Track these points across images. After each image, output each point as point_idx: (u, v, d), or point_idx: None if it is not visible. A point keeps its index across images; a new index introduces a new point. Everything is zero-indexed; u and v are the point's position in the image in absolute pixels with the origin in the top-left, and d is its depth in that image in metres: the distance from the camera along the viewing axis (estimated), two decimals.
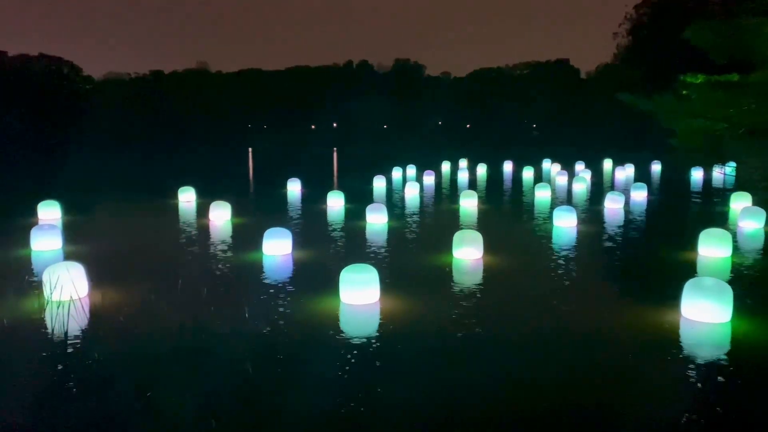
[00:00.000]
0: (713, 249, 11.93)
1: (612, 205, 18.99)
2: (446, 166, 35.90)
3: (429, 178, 28.45)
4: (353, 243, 13.93)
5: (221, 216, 17.00)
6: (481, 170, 33.61)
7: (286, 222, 16.57)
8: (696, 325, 7.82)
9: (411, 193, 23.14)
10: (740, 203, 18.21)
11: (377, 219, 16.29)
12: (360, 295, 8.74)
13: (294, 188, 24.87)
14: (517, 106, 78.86)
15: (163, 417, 5.49)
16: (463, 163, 37.67)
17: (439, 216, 18.94)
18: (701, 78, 16.28)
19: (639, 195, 21.86)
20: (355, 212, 17.79)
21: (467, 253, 11.73)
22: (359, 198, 20.67)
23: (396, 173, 30.19)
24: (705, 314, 7.87)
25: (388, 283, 9.54)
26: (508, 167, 35.87)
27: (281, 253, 12.28)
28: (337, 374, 6.39)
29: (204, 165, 42.67)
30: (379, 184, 25.33)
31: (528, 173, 30.88)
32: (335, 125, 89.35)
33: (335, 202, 19.76)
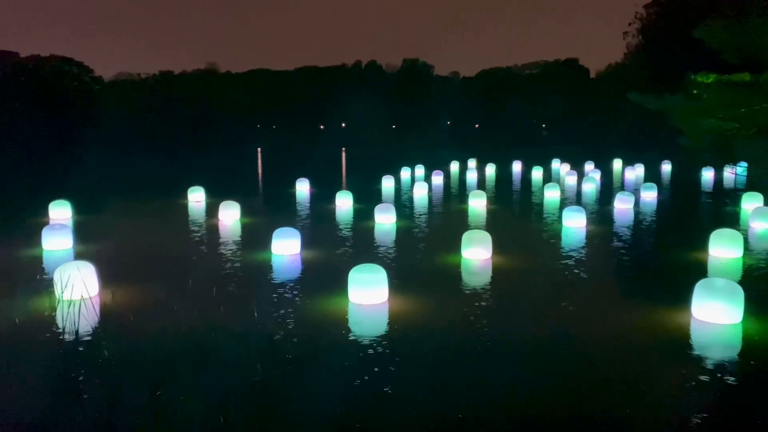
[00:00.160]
0: (724, 250, 11.86)
1: (622, 206, 18.90)
2: (455, 166, 35.88)
3: (438, 178, 28.43)
4: (362, 243, 13.94)
5: (230, 216, 17.06)
6: (490, 170, 33.53)
7: (295, 222, 16.61)
8: (707, 326, 7.78)
9: (420, 193, 23.13)
10: (752, 204, 18.07)
11: (386, 219, 16.29)
12: (369, 295, 8.75)
13: (303, 188, 24.93)
14: (526, 106, 78.65)
15: (173, 415, 5.52)
16: (472, 163, 37.63)
17: (448, 216, 18.92)
18: (712, 77, 16.14)
19: (649, 195, 21.74)
20: (364, 212, 17.80)
21: (476, 254, 11.71)
22: (368, 198, 20.69)
23: (405, 173, 30.19)
24: (716, 315, 7.83)
25: (397, 283, 9.54)
26: (517, 167, 35.78)
27: (290, 253, 12.31)
28: (346, 374, 6.39)
29: (213, 165, 42.82)
30: (388, 184, 25.35)
31: (537, 173, 30.78)
32: (344, 125, 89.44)
33: (344, 202, 19.79)
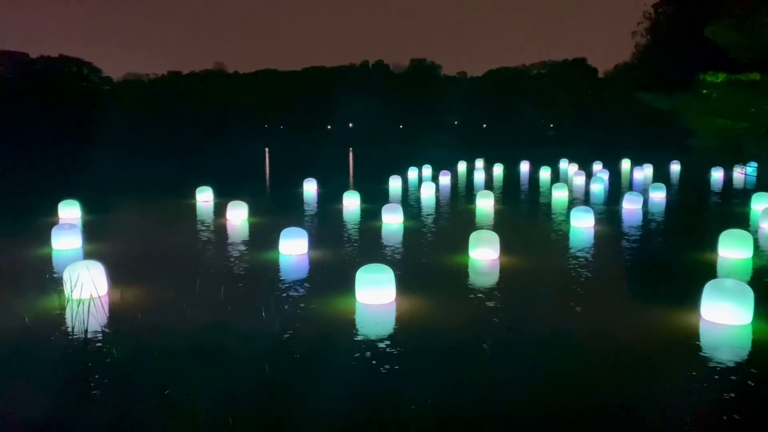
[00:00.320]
0: (734, 250, 11.78)
1: (630, 206, 18.82)
2: (462, 166, 35.82)
3: (445, 178, 28.41)
4: (369, 243, 13.94)
5: (238, 216, 17.11)
6: (498, 170, 33.49)
7: (303, 222, 16.64)
8: (716, 327, 7.73)
9: (427, 193, 23.11)
10: (761, 204, 17.94)
11: (393, 219, 16.29)
12: (376, 295, 8.75)
13: (310, 188, 24.97)
14: (534, 106, 78.44)
15: (181, 414, 5.54)
16: (480, 163, 37.57)
17: (455, 216, 18.90)
18: (722, 77, 16.05)
19: (658, 195, 21.64)
20: (371, 212, 17.81)
21: (483, 254, 11.69)
22: (375, 198, 20.70)
23: (412, 173, 30.18)
24: (725, 316, 7.78)
25: (404, 283, 9.54)
26: (525, 167, 35.70)
27: (297, 253, 12.33)
28: (353, 373, 6.40)
29: (221, 165, 42.96)
30: (395, 184, 25.35)
31: (545, 173, 30.70)
32: (351, 125, 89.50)
33: (351, 202, 19.80)
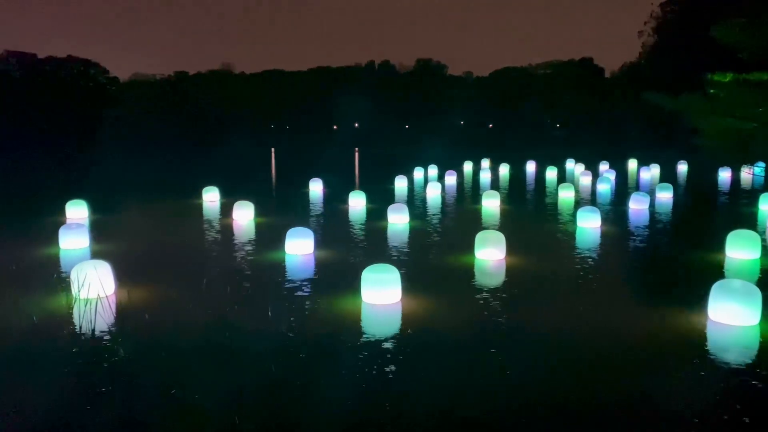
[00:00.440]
0: (741, 251, 11.71)
1: (637, 206, 18.75)
2: (468, 166, 35.78)
3: (451, 178, 28.38)
4: (375, 243, 13.95)
5: (245, 215, 17.15)
6: (504, 170, 33.43)
7: (309, 222, 16.66)
8: (723, 328, 7.70)
9: (433, 193, 23.09)
10: None
11: (399, 219, 16.29)
12: (382, 295, 8.75)
13: (316, 188, 25.00)
14: (541, 106, 78.31)
15: (187, 414, 5.56)
16: (486, 163, 37.53)
17: (461, 216, 18.88)
18: (730, 76, 15.97)
19: (664, 195, 21.55)
20: (377, 212, 17.82)
21: (489, 254, 11.67)
22: (381, 198, 20.70)
23: (418, 173, 30.16)
24: (733, 317, 7.75)
25: (410, 283, 9.54)
26: (531, 167, 35.63)
27: (303, 253, 12.35)
28: (359, 374, 6.41)
29: (227, 165, 43.06)
30: (401, 184, 25.34)
31: (551, 173, 30.63)
32: (357, 125, 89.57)
33: (357, 202, 19.81)
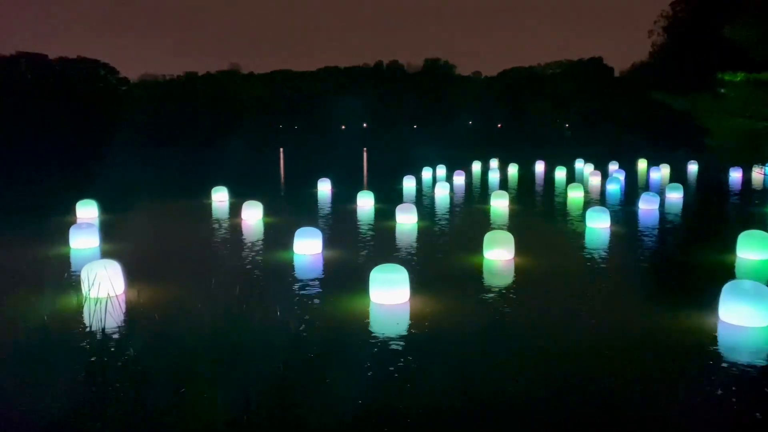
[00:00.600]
0: (753, 251, 11.63)
1: (646, 206, 18.64)
2: (477, 166, 35.72)
3: (459, 178, 28.34)
4: (383, 243, 13.95)
5: (253, 215, 17.20)
6: (513, 170, 33.35)
7: (317, 221, 16.69)
8: (734, 329, 7.65)
9: (441, 193, 23.07)
10: None
11: (407, 219, 16.29)
12: (390, 295, 8.75)
13: (324, 188, 25.03)
14: (550, 106, 78.01)
15: (197, 412, 5.58)
16: (494, 163, 37.45)
17: (470, 216, 18.85)
18: (741, 76, 15.88)
19: (674, 196, 21.42)
20: (385, 212, 17.82)
21: (498, 254, 11.65)
22: (389, 198, 20.70)
23: (426, 173, 30.14)
24: (743, 318, 7.69)
25: (418, 283, 9.53)
26: (540, 167, 35.51)
27: (312, 253, 12.37)
28: (368, 373, 6.41)
29: (236, 165, 43.18)
30: (409, 184, 25.33)
31: (560, 173, 30.52)
32: (365, 125, 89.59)
33: (365, 202, 19.82)
